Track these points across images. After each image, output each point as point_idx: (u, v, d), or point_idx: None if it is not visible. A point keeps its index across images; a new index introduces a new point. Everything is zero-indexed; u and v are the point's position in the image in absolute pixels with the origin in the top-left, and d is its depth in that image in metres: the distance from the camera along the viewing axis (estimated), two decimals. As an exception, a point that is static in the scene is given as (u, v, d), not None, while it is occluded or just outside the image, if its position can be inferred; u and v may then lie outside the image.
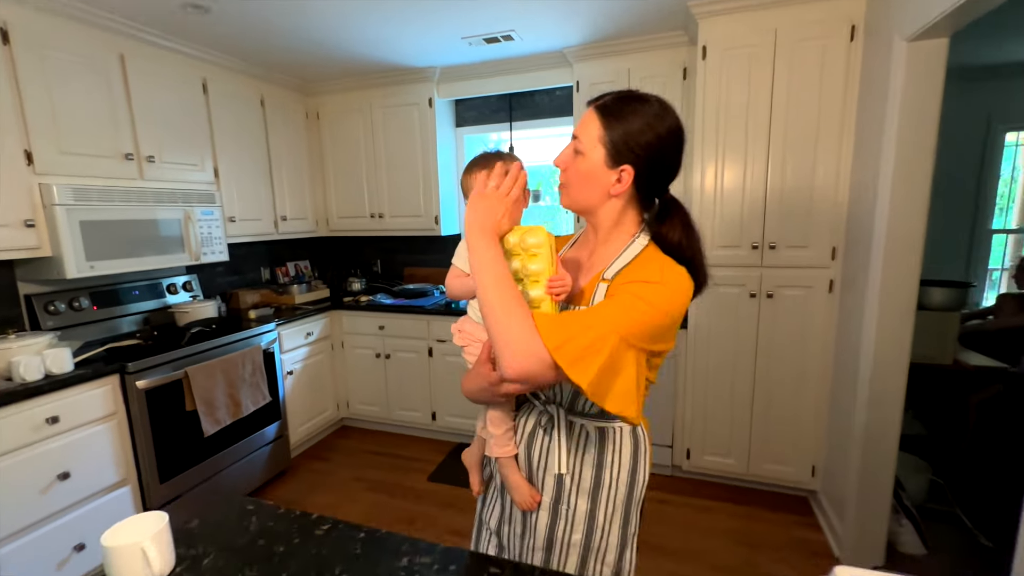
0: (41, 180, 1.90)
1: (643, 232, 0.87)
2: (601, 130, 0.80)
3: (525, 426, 0.96)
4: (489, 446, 0.95)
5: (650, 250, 0.84)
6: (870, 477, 1.90)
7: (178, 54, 2.42)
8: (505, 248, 0.81)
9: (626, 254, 0.84)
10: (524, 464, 0.95)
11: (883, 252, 1.74)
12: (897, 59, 1.65)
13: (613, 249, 0.87)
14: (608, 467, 0.89)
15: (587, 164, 0.82)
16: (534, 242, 0.79)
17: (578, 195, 0.86)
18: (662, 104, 0.81)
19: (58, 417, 1.74)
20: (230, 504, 0.94)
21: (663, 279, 0.76)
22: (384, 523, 2.29)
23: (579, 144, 0.82)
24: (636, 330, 0.71)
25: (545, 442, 0.92)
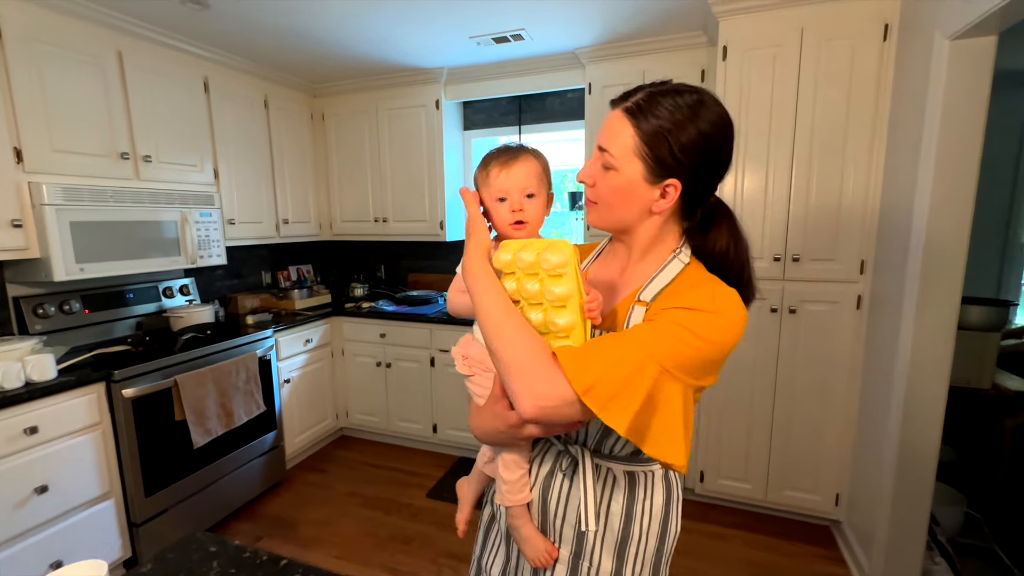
0: (31, 179, 1.83)
1: (684, 246, 0.76)
2: (636, 139, 0.66)
3: (540, 468, 0.82)
4: (499, 492, 0.82)
5: (693, 269, 0.73)
6: (903, 510, 1.75)
7: (178, 51, 2.35)
8: (518, 268, 0.69)
9: (665, 272, 0.73)
10: (538, 512, 0.82)
11: (920, 267, 1.61)
12: (938, 59, 1.52)
13: (650, 267, 0.75)
14: (637, 519, 0.76)
15: (621, 180, 0.69)
16: (557, 261, 0.64)
17: (611, 214, 0.73)
18: (703, 93, 0.68)
19: (37, 427, 1.65)
20: (191, 544, 0.83)
21: (716, 307, 0.64)
22: (378, 542, 2.17)
23: (609, 158, 0.68)
24: (680, 361, 0.61)
25: (565, 488, 0.79)
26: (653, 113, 0.66)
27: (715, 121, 0.67)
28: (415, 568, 2.01)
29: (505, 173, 0.80)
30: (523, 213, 0.81)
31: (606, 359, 0.60)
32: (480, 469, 0.92)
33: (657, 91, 0.68)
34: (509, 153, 0.82)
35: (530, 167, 0.81)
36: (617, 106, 0.70)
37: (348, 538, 2.21)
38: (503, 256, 0.70)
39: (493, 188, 0.81)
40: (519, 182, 0.80)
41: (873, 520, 1.85)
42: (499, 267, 0.70)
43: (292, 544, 2.18)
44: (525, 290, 0.68)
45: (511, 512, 0.81)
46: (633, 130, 0.67)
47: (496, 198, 0.81)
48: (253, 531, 2.28)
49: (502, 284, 0.70)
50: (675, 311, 0.64)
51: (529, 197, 0.81)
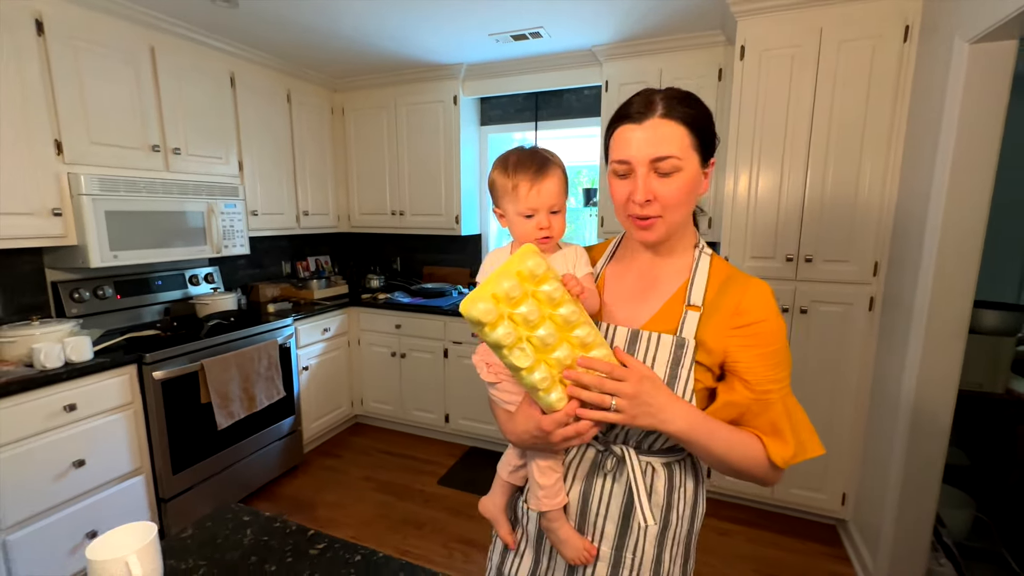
0: (70, 170, 1.93)
1: (700, 239, 0.84)
2: (690, 135, 0.73)
3: (578, 469, 0.84)
4: (535, 498, 0.82)
5: (719, 262, 0.82)
6: (909, 511, 1.77)
7: (207, 47, 2.43)
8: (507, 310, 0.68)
9: (700, 270, 0.80)
10: (577, 512, 0.83)
11: (933, 269, 1.61)
12: (957, 62, 1.52)
13: (679, 264, 0.82)
14: (676, 507, 0.81)
15: (686, 178, 0.73)
16: (549, 289, 0.70)
17: (678, 217, 0.76)
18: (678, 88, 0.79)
19: (75, 405, 1.75)
20: (227, 513, 0.90)
21: (769, 311, 0.75)
22: (391, 525, 2.25)
23: (675, 161, 0.72)
24: (790, 366, 0.78)
25: (608, 487, 0.81)
26: (686, 108, 0.74)
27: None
28: (427, 551, 2.09)
29: (536, 191, 0.81)
30: (550, 229, 0.83)
31: (782, 421, 0.75)
32: (504, 480, 0.91)
33: (666, 94, 0.75)
34: (536, 166, 0.81)
35: (557, 182, 0.83)
36: (647, 116, 0.73)
37: (363, 520, 2.30)
38: (484, 307, 0.66)
39: (521, 204, 0.82)
40: (548, 200, 0.81)
41: (879, 520, 1.87)
42: (482, 318, 0.67)
43: (309, 524, 2.25)
44: (525, 321, 0.69)
45: (548, 516, 0.82)
46: (686, 129, 0.73)
47: (523, 214, 0.83)
48: (273, 510, 2.38)
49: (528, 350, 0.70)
50: (745, 328, 0.75)
51: (554, 213, 0.83)
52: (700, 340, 0.75)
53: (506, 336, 0.67)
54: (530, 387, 0.70)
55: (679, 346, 0.74)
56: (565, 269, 0.85)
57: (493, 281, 0.69)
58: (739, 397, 0.75)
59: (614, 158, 0.76)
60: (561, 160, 0.87)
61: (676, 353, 0.74)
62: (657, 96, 0.74)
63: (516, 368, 0.69)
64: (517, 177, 0.82)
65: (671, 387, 0.74)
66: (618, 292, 0.86)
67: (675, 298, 0.79)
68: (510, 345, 0.68)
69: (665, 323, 0.78)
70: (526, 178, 0.81)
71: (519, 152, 0.85)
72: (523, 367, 0.68)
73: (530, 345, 0.70)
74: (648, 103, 0.74)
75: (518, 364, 0.68)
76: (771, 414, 0.74)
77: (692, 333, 0.75)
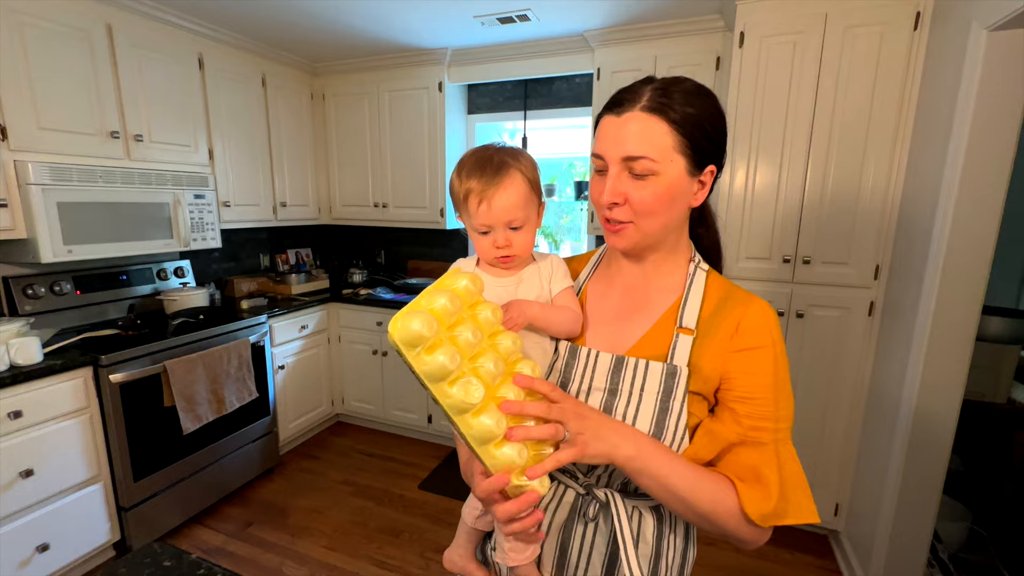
0: (16, 157, 1.78)
1: (696, 252, 0.75)
2: (673, 135, 0.62)
3: (555, 516, 0.73)
4: (500, 551, 0.71)
5: (716, 279, 0.72)
6: (905, 525, 1.69)
7: (171, 26, 2.27)
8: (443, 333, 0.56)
9: (695, 289, 0.70)
10: (553, 565, 0.72)
11: (940, 274, 1.51)
12: (974, 51, 1.40)
13: (671, 280, 0.71)
14: (664, 555, 0.71)
15: (664, 184, 0.63)
16: (486, 314, 0.60)
17: (653, 225, 0.65)
18: (691, 79, 0.66)
19: (21, 412, 1.63)
20: (146, 557, 0.79)
21: (773, 336, 0.65)
22: (367, 534, 2.16)
23: (648, 163, 0.61)
24: (792, 412, 0.66)
25: (589, 536, 0.70)
26: (683, 104, 0.62)
27: (717, 101, 0.66)
28: (402, 562, 2.00)
29: (486, 205, 0.69)
30: (510, 248, 0.71)
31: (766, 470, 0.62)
32: (470, 527, 0.80)
33: (663, 83, 0.63)
34: (488, 174, 0.69)
35: (514, 192, 0.69)
36: (627, 108, 0.63)
37: (338, 528, 2.20)
38: (423, 322, 0.53)
39: (474, 220, 0.71)
40: (503, 216, 0.69)
41: (873, 533, 1.79)
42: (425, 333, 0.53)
43: (282, 531, 2.17)
44: (468, 346, 0.57)
45: (517, 571, 0.72)
46: (668, 127, 0.61)
47: (477, 230, 0.72)
48: (244, 516, 2.28)
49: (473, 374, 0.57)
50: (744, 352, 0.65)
51: (515, 230, 0.71)
52: (694, 366, 0.65)
53: (452, 360, 0.54)
54: (477, 437, 0.56)
55: (670, 375, 0.64)
56: (540, 286, 0.75)
57: (428, 296, 0.56)
58: (723, 428, 0.64)
59: (592, 151, 0.67)
60: (529, 162, 0.72)
61: (667, 383, 0.64)
62: (648, 86, 0.63)
63: (463, 406, 0.55)
64: (467, 185, 0.70)
65: (662, 422, 0.64)
66: (600, 312, 0.75)
67: (665, 319, 0.69)
68: (455, 376, 0.55)
69: (653, 348, 0.67)
70: (476, 188, 0.69)
71: (476, 153, 0.72)
72: (474, 403, 0.55)
73: (478, 378, 0.56)
74: (635, 92, 0.63)
75: (468, 400, 0.54)
76: (757, 457, 0.62)
77: (685, 360, 0.65)
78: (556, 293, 0.74)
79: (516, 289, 0.74)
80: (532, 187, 0.72)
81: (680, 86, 0.63)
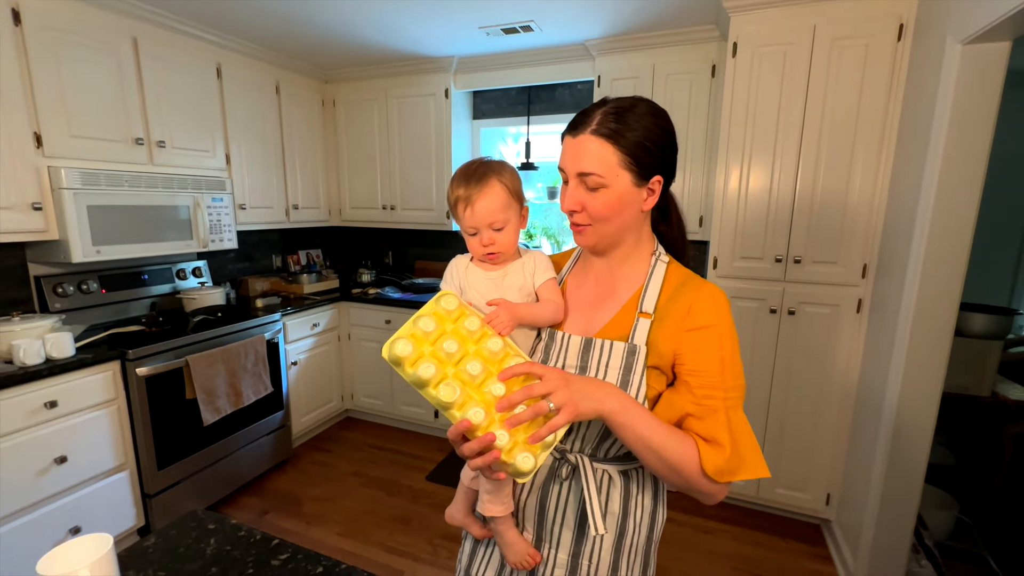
0: (50, 163, 1.90)
1: (659, 245, 0.84)
2: (617, 154, 0.72)
3: (535, 475, 0.85)
4: (482, 503, 0.84)
5: (675, 269, 0.81)
6: (890, 512, 1.77)
7: (192, 38, 2.39)
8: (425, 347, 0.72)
9: (655, 278, 0.80)
10: (534, 519, 0.85)
11: (920, 273, 1.60)
12: (949, 63, 1.49)
13: (635, 272, 0.82)
14: (632, 514, 0.81)
15: (612, 195, 0.74)
16: (469, 325, 0.74)
17: (608, 228, 0.77)
18: (643, 100, 0.75)
19: (56, 402, 1.75)
20: (192, 521, 0.90)
21: (720, 317, 0.74)
22: (378, 521, 2.26)
23: (597, 179, 0.73)
24: (742, 383, 0.74)
25: (564, 494, 0.82)
26: (625, 124, 0.72)
27: (666, 118, 0.76)
28: (412, 548, 2.10)
29: (470, 211, 0.82)
30: (494, 246, 0.83)
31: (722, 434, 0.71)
32: (467, 486, 0.92)
33: (612, 108, 0.73)
34: (471, 184, 0.81)
35: (493, 199, 0.81)
36: (581, 131, 0.74)
37: (350, 516, 2.31)
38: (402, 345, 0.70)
39: (462, 223, 0.84)
40: (485, 219, 0.81)
41: (861, 521, 1.88)
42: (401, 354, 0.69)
43: (296, 519, 2.28)
44: (448, 356, 0.71)
45: (496, 520, 0.84)
46: (613, 147, 0.72)
47: (467, 232, 0.84)
48: (260, 505, 2.39)
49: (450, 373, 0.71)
50: (694, 331, 0.73)
51: (498, 231, 0.83)
52: (652, 344, 0.75)
53: (426, 370, 0.69)
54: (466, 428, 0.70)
55: (631, 352, 0.75)
56: (523, 279, 0.86)
57: (411, 323, 0.72)
58: (679, 399, 0.74)
59: (558, 165, 0.80)
60: (509, 172, 0.85)
61: (628, 360, 0.75)
62: (598, 111, 0.74)
63: (444, 404, 0.69)
64: (456, 193, 0.83)
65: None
66: (577, 300, 0.86)
67: (628, 305, 0.80)
68: (434, 382, 0.69)
69: (618, 331, 0.78)
70: (462, 196, 0.82)
71: (465, 166, 0.86)
72: (450, 402, 0.68)
73: (457, 380, 0.70)
74: (588, 116, 0.74)
75: (445, 399, 0.68)
76: (711, 423, 0.71)
77: (643, 340, 0.75)
78: (539, 285, 0.85)
79: (502, 281, 0.85)
80: (512, 194, 0.84)
81: (628, 111, 0.72)
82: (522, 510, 0.86)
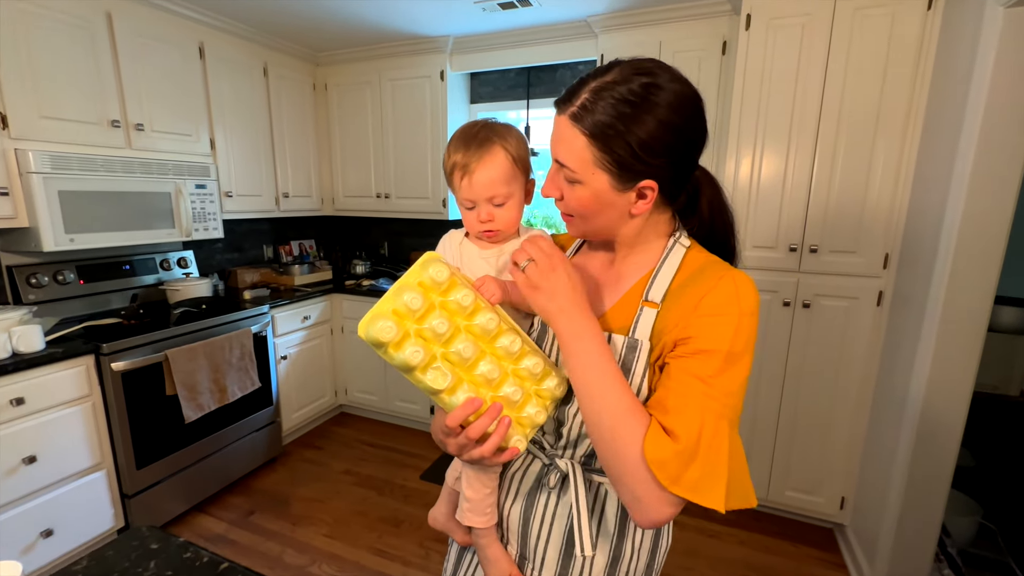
0: (17, 145, 1.79)
1: (680, 228, 0.69)
2: (592, 150, 0.57)
3: (520, 484, 0.74)
4: (461, 510, 0.74)
5: (695, 252, 0.66)
6: (912, 518, 1.65)
7: (172, 14, 2.26)
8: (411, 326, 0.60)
9: (669, 263, 0.65)
10: (517, 533, 0.74)
11: (951, 263, 1.47)
12: (989, 29, 1.35)
13: (646, 257, 0.68)
14: (630, 536, 0.69)
15: (588, 193, 0.60)
16: (459, 297, 0.62)
17: (589, 225, 0.65)
18: (655, 72, 0.57)
19: (23, 399, 1.65)
20: (134, 540, 0.79)
21: (741, 307, 0.59)
22: (368, 523, 2.16)
23: (570, 173, 0.60)
24: (738, 399, 0.58)
25: (551, 506, 0.71)
26: (602, 114, 0.56)
27: (674, 103, 0.56)
28: (402, 550, 2.00)
29: (467, 181, 0.69)
30: (493, 223, 0.71)
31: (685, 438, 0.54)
32: (451, 487, 0.84)
33: (601, 84, 0.57)
34: (471, 149, 0.69)
35: (495, 169, 0.68)
36: (563, 110, 0.59)
37: (339, 517, 2.21)
38: (383, 325, 0.57)
39: (458, 195, 0.72)
40: (484, 191, 0.69)
41: (879, 527, 1.76)
42: (382, 338, 0.57)
43: (283, 520, 2.18)
44: (436, 336, 0.60)
45: (476, 532, 0.74)
46: (585, 139, 0.57)
47: (463, 204, 0.72)
48: (246, 505, 2.29)
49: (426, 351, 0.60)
50: (704, 318, 0.59)
51: (498, 206, 0.71)
52: (656, 337, 0.62)
53: (414, 355, 0.58)
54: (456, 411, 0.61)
55: (631, 348, 0.62)
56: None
57: (392, 295, 0.59)
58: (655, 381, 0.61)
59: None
60: (516, 138, 0.71)
61: (627, 356, 0.62)
62: (587, 87, 0.58)
63: (434, 391, 0.60)
64: (452, 159, 0.70)
65: None
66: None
67: (633, 291, 0.67)
68: (422, 365, 0.59)
69: (619, 320, 0.65)
70: (460, 163, 0.69)
71: (465, 127, 0.72)
72: (441, 389, 0.59)
73: (447, 363, 0.61)
74: (574, 92, 0.59)
75: (435, 386, 0.59)
76: (675, 415, 0.55)
77: (647, 334, 0.62)
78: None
79: (497, 261, 0.74)
80: (516, 164, 0.70)
81: (618, 91, 0.55)
82: (505, 520, 0.76)
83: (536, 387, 0.65)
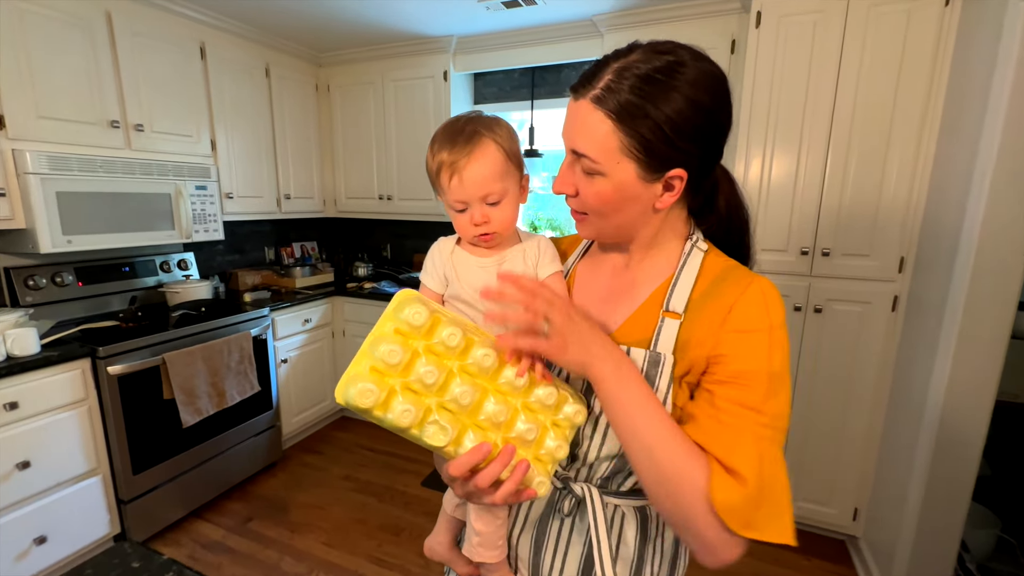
0: (14, 146, 1.76)
1: (696, 230, 0.65)
2: (618, 135, 0.52)
3: (530, 511, 0.69)
4: (468, 544, 0.68)
5: (713, 258, 0.62)
6: (931, 532, 1.59)
7: (172, 14, 2.24)
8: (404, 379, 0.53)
9: (688, 270, 0.61)
10: (529, 563, 0.68)
11: (971, 267, 1.41)
12: (1011, 25, 1.29)
13: (661, 263, 0.63)
14: (649, 560, 0.65)
15: (609, 186, 0.56)
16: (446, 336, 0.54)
17: (607, 224, 0.60)
18: (678, 51, 0.54)
19: (17, 403, 1.62)
20: (115, 558, 0.75)
21: (771, 320, 0.55)
22: (367, 531, 2.12)
23: (590, 164, 0.55)
24: (787, 420, 0.54)
25: (564, 534, 0.66)
26: (628, 93, 0.51)
27: (702, 81, 0.53)
28: (402, 560, 1.96)
29: (457, 180, 0.63)
30: (488, 225, 0.66)
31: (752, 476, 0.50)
32: (450, 515, 0.77)
33: (625, 64, 0.53)
34: (458, 146, 0.63)
35: (487, 164, 0.63)
36: (582, 94, 0.54)
37: (338, 524, 2.17)
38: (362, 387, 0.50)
39: (448, 196, 0.66)
40: (477, 189, 0.64)
41: (895, 540, 1.70)
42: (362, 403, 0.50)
43: (282, 527, 2.14)
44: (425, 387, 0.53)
45: (487, 566, 0.68)
46: (612, 124, 0.52)
47: (454, 207, 0.66)
48: (245, 511, 2.26)
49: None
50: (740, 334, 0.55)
51: (493, 205, 0.65)
52: (680, 350, 0.57)
53: (404, 415, 0.51)
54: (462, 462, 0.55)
55: (653, 363, 0.57)
56: (525, 268, 0.69)
57: (367, 350, 0.52)
58: (693, 408, 0.56)
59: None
60: (505, 130, 0.66)
61: (649, 372, 0.57)
62: (608, 68, 0.54)
63: (435, 448, 0.53)
64: (439, 159, 0.64)
65: None
66: (588, 294, 0.69)
67: (651, 301, 0.62)
68: (416, 423, 0.52)
69: (637, 333, 0.60)
70: (447, 161, 0.63)
71: (448, 123, 0.67)
72: (442, 446, 0.53)
73: (446, 413, 0.53)
74: (594, 74, 0.55)
75: (435, 443, 0.53)
76: (731, 447, 0.51)
77: (670, 347, 0.57)
78: (544, 279, 0.69)
79: (498, 270, 0.68)
80: (509, 158, 0.66)
81: (646, 71, 0.51)
82: (514, 549, 0.70)
83: (552, 418, 0.58)
